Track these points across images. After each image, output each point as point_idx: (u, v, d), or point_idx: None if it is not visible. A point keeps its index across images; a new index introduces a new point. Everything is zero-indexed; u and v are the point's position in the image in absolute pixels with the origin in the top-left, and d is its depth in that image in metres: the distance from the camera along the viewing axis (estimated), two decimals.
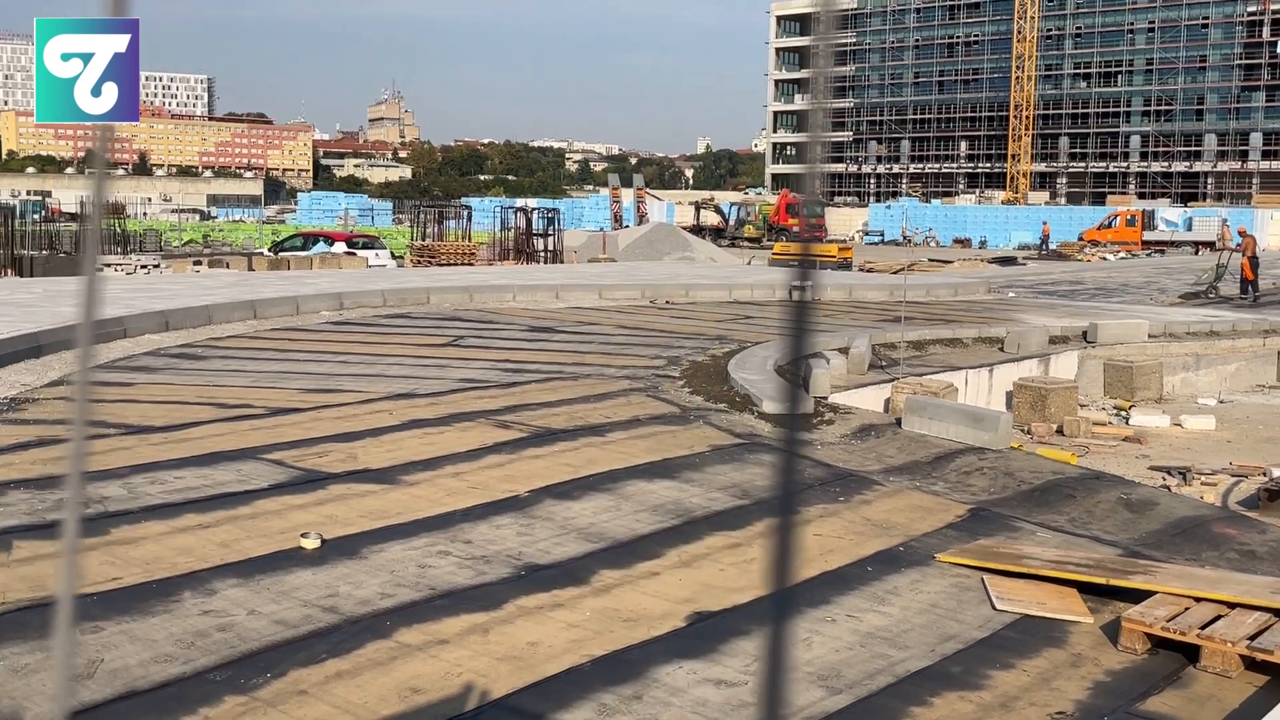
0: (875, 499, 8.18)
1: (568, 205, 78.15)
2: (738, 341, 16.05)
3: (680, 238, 43.81)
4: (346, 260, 30.72)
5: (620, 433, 9.92)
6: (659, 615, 5.67)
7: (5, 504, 7.13)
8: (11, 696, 4.55)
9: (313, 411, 10.36)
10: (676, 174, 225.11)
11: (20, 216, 35.49)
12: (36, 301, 17.10)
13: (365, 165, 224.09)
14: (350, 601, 5.69)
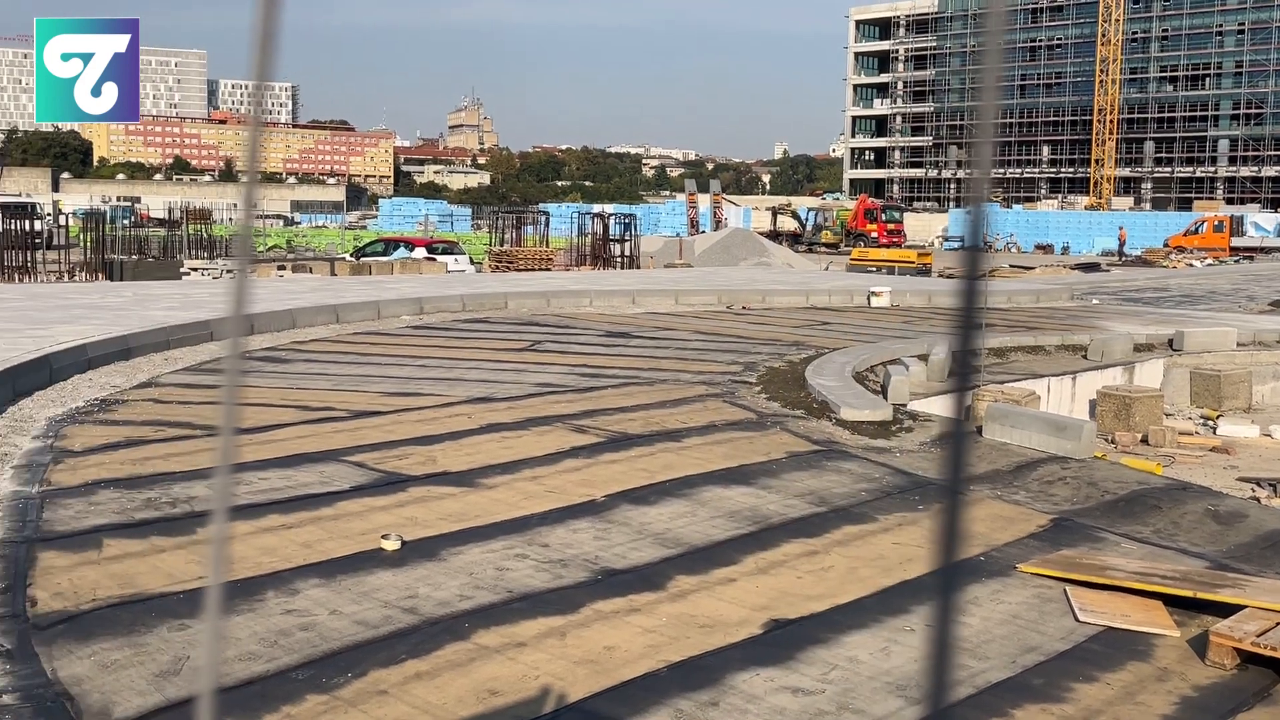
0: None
1: (644, 211, 78.33)
2: (815, 348, 15.96)
3: (757, 243, 43.71)
4: (426, 265, 31.06)
5: (696, 438, 9.92)
6: (735, 622, 5.65)
7: (95, 503, 7.31)
8: (101, 691, 4.66)
9: (393, 415, 10.49)
10: (753, 179, 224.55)
11: (111, 222, 36.35)
12: (126, 305, 17.50)
13: (445, 171, 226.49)
14: (429, 603, 5.75)
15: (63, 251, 34.66)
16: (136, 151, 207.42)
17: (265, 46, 0.68)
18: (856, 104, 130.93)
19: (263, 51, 0.68)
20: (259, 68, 0.68)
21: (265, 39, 0.68)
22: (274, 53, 0.70)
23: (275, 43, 0.69)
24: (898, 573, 6.50)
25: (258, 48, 0.68)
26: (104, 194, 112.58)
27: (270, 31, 0.67)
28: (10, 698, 4.58)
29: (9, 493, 7.47)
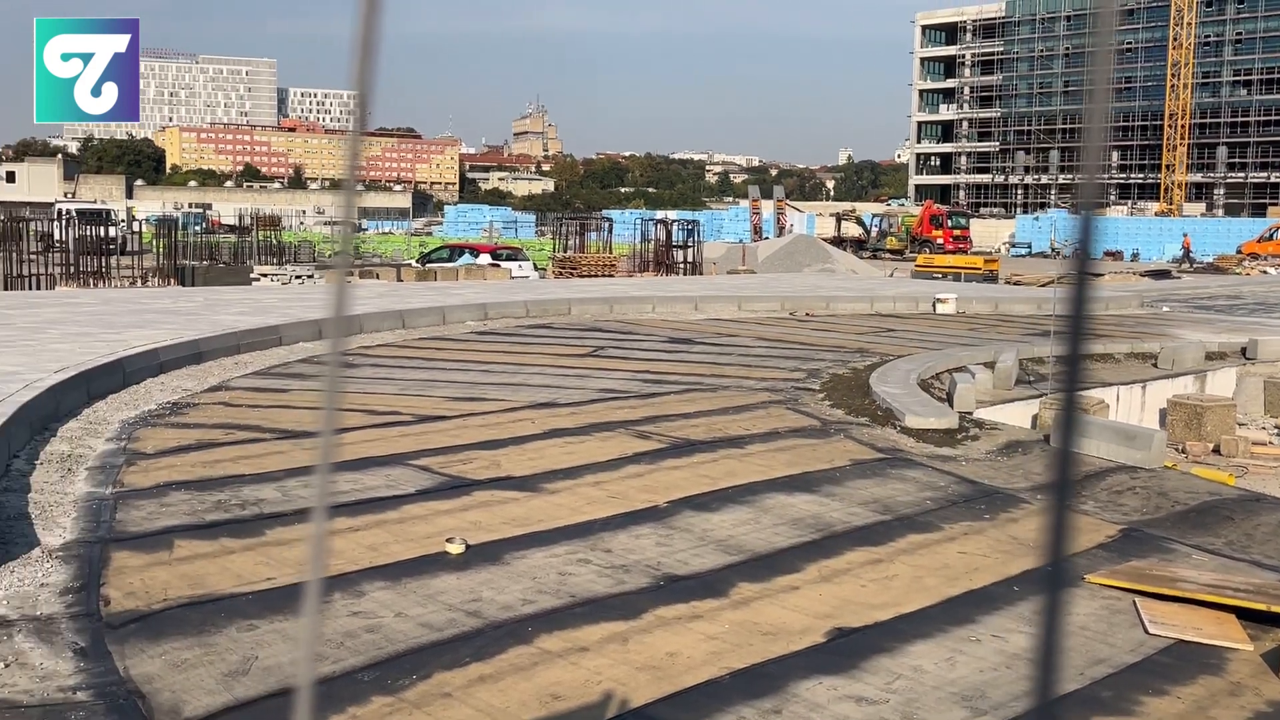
0: (1022, 517, 7.99)
1: (707, 217, 78.27)
2: (879, 355, 15.85)
3: (820, 249, 43.51)
4: (491, 271, 31.30)
5: (759, 445, 9.89)
6: (799, 630, 5.63)
7: (167, 504, 7.44)
8: (171, 690, 4.74)
9: (458, 419, 10.57)
10: (817, 185, 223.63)
11: (183, 228, 37.02)
12: (197, 310, 17.80)
13: (509, 178, 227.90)
14: (493, 606, 5.78)
15: (136, 257, 35.32)
16: (208, 159, 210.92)
17: (366, 56, 0.69)
18: (922, 109, 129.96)
19: (363, 61, 0.69)
20: (360, 77, 0.70)
21: (365, 49, 0.69)
22: (375, 62, 0.71)
23: (376, 52, 0.71)
24: (963, 582, 6.44)
25: (358, 57, 0.69)
26: (176, 201, 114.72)
27: (370, 41, 0.68)
28: (84, 695, 4.68)
29: (84, 494, 7.63)
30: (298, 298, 21.12)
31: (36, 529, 6.76)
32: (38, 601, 5.65)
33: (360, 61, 0.69)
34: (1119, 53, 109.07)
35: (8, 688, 4.69)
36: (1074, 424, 0.96)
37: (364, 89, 0.70)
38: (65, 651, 5.08)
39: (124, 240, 39.52)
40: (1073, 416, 0.98)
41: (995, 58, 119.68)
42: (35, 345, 12.74)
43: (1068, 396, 0.99)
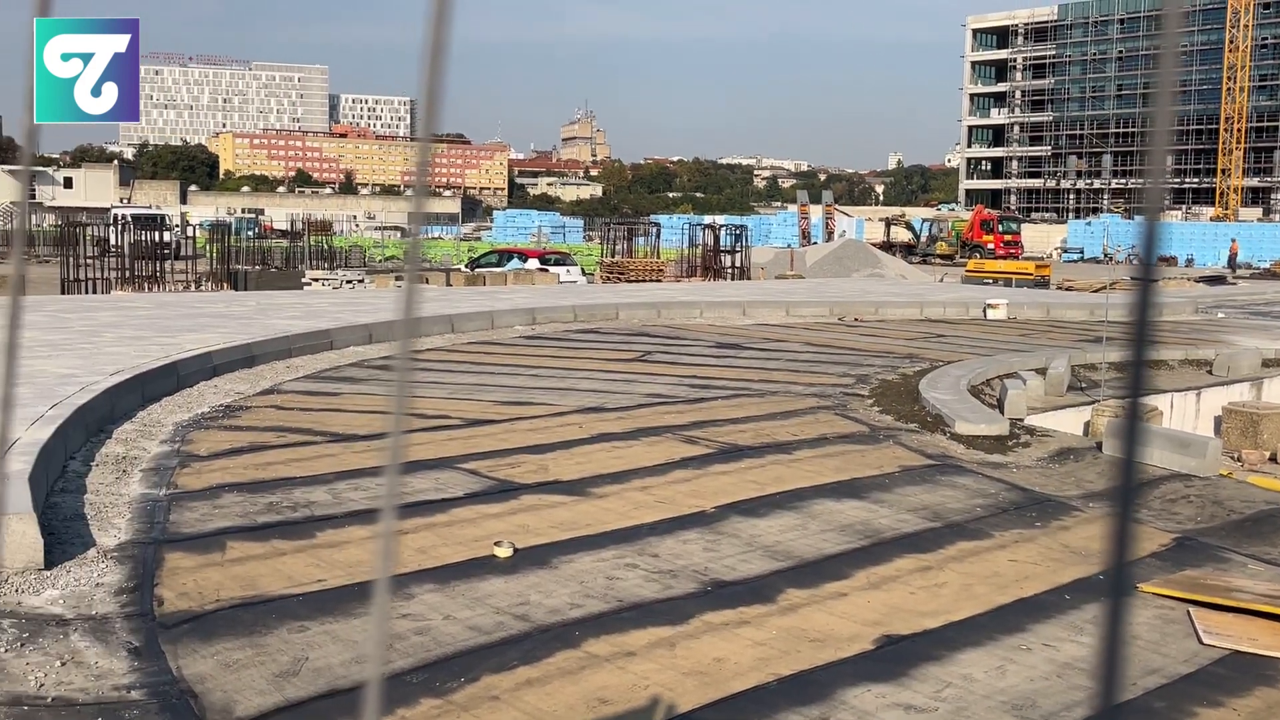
0: (1074, 525, 7.90)
1: (755, 222, 78.15)
2: (929, 360, 15.75)
3: (870, 254, 43.28)
4: (539, 276, 31.41)
5: (807, 451, 9.85)
6: (847, 637, 5.60)
7: (220, 506, 7.52)
8: (223, 690, 4.79)
9: (506, 423, 10.61)
10: (866, 190, 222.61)
11: (235, 233, 37.44)
12: (250, 314, 18.00)
13: (558, 183, 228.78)
14: (540, 610, 5.80)
15: (190, 262, 35.77)
16: (260, 165, 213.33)
17: (434, 63, 0.70)
18: (973, 113, 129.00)
19: (432, 68, 0.70)
20: (429, 84, 0.70)
21: (434, 56, 0.70)
22: (444, 69, 0.72)
23: (444, 59, 0.71)
24: (1014, 590, 6.38)
25: (427, 65, 0.70)
26: (229, 206, 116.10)
27: (439, 48, 0.69)
28: (138, 694, 4.74)
29: (138, 495, 7.73)
30: (348, 302, 21.31)
31: (92, 530, 6.86)
32: (93, 601, 5.73)
33: (429, 69, 0.70)
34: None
35: (64, 686, 4.76)
36: (1137, 431, 0.94)
37: (433, 96, 0.71)
38: (120, 651, 5.15)
39: (178, 245, 39.99)
40: (1135, 422, 0.97)
41: (1047, 61, 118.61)
42: (91, 349, 12.93)
43: (1131, 402, 0.98)
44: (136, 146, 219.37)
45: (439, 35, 0.69)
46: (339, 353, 15.23)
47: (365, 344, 16.07)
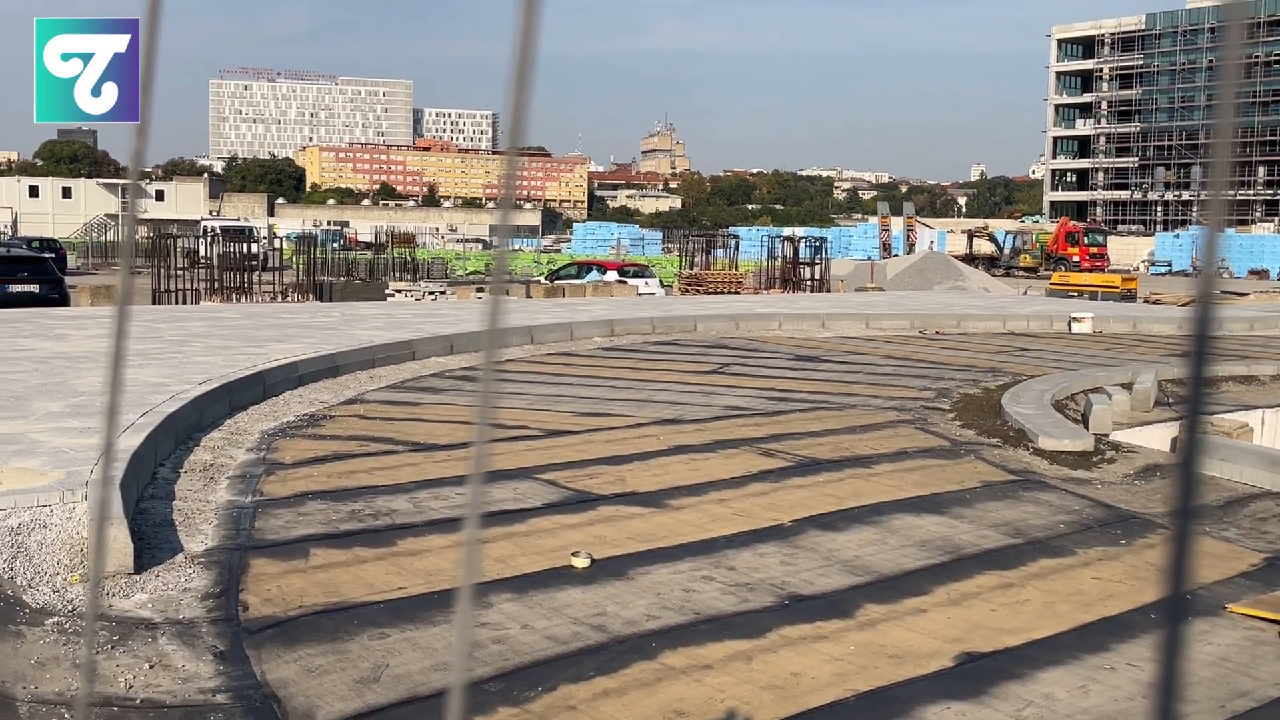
0: (1160, 543, 7.74)
1: (835, 234, 77.73)
2: (1012, 374, 15.53)
3: (951, 267, 42.80)
4: (618, 288, 31.52)
5: (887, 465, 9.77)
6: (926, 653, 5.54)
7: (304, 514, 7.65)
8: (306, 695, 4.87)
9: (584, 434, 10.66)
10: (948, 202, 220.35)
11: (321, 245, 38.04)
12: (335, 325, 18.28)
13: (637, 196, 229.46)
14: (617, 621, 5.81)
15: (277, 273, 36.47)
16: (346, 178, 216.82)
17: (522, 77, 0.71)
18: (1058, 124, 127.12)
19: (519, 82, 0.71)
20: (516, 99, 0.72)
21: (522, 70, 0.72)
22: (530, 84, 0.74)
23: (532, 73, 0.73)
24: (1097, 609, 6.27)
25: (515, 78, 0.72)
26: (315, 218, 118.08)
27: (527, 62, 0.71)
28: (223, 697, 4.83)
29: (225, 502, 7.89)
30: (430, 313, 21.55)
31: (180, 535, 7.01)
32: (180, 605, 5.86)
33: (516, 83, 0.72)
34: (1265, 65, 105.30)
35: (152, 688, 4.87)
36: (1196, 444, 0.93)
37: (519, 110, 0.72)
38: (206, 655, 5.26)
39: (265, 257, 40.80)
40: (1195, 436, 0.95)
41: (1135, 71, 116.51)
42: (181, 358, 13.22)
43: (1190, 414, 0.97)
44: (226, 160, 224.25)
45: (526, 50, 0.70)
46: (421, 363, 15.41)
47: (446, 355, 16.24)
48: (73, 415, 9.39)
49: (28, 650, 5.22)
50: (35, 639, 5.35)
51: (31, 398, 10.27)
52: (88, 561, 6.19)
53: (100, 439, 8.42)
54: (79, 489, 6.94)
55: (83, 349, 14.13)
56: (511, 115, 0.72)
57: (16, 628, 5.45)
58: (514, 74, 0.71)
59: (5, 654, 5.14)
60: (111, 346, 0.81)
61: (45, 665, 5.07)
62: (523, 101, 0.72)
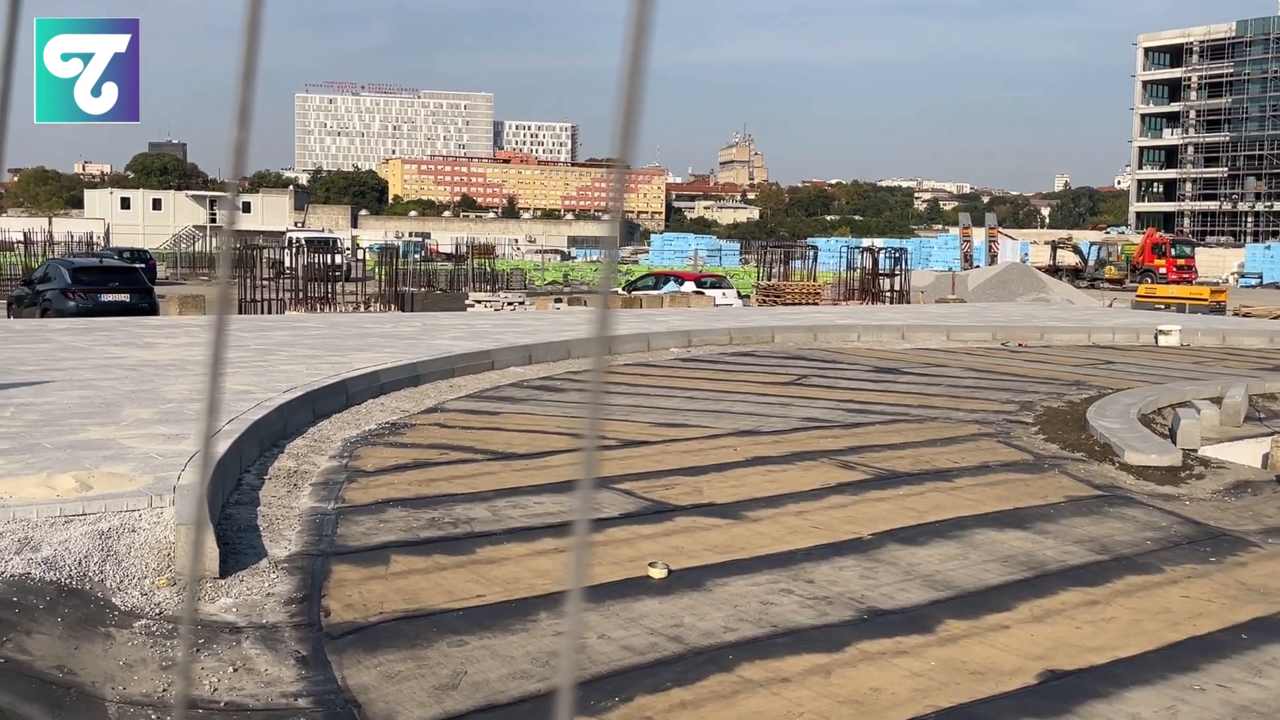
0: (1251, 561, 7.55)
1: (915, 245, 76.98)
2: (1097, 388, 15.26)
3: (1034, 278, 42.19)
4: (695, 299, 31.49)
5: (968, 479, 9.64)
6: (1008, 670, 5.45)
7: (384, 521, 7.73)
8: (385, 701, 4.91)
9: (661, 445, 10.66)
10: (1031, 213, 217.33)
11: (403, 256, 38.52)
12: (416, 334, 18.49)
13: (715, 207, 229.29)
14: (694, 633, 5.80)
15: (360, 283, 36.97)
16: (427, 190, 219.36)
17: (631, 90, 0.72)
18: (1144, 134, 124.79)
19: (629, 94, 0.72)
20: (625, 111, 0.72)
21: (631, 83, 0.72)
22: (640, 96, 0.74)
23: (642, 86, 0.73)
24: (1186, 627, 6.12)
25: (625, 91, 0.72)
26: (397, 230, 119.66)
27: (637, 74, 0.71)
28: (304, 701, 4.90)
29: (308, 508, 8.00)
30: (509, 323, 21.71)
31: (264, 541, 7.12)
32: (264, 610, 5.95)
33: (626, 95, 0.72)
34: None
35: (236, 691, 4.95)
36: None
37: (628, 123, 0.72)
38: (288, 659, 5.33)
39: (349, 267, 41.41)
40: None
41: (1224, 79, 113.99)
42: (266, 366, 13.45)
43: None
44: (311, 172, 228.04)
45: (636, 67, 0.70)
46: (500, 373, 15.53)
47: (525, 365, 16.35)
48: (161, 422, 9.59)
49: (117, 652, 5.34)
50: (124, 641, 5.47)
51: (122, 404, 10.51)
52: (175, 565, 6.32)
53: (190, 445, 8.59)
54: (167, 494, 7.08)
55: (171, 357, 14.43)
56: (621, 132, 0.72)
57: (106, 629, 5.57)
58: (624, 92, 0.70)
59: (95, 655, 5.26)
60: (209, 354, 0.83)
61: (133, 667, 5.18)
62: (632, 118, 0.72)
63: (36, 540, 6.31)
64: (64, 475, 7.38)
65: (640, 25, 0.70)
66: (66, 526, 6.53)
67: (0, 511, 6.56)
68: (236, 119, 0.72)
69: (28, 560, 6.06)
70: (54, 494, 6.99)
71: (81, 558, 6.21)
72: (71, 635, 5.41)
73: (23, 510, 6.61)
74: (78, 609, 5.71)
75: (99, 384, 11.83)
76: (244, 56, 0.74)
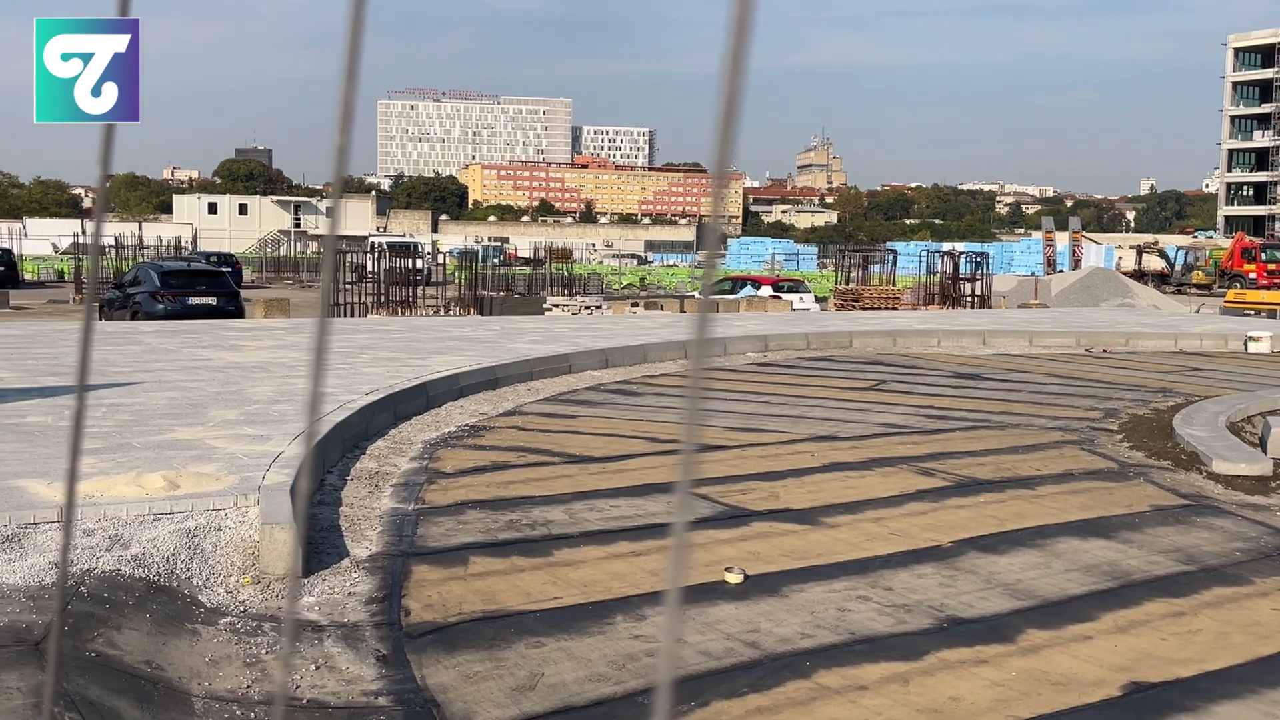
0: None
1: (997, 249, 76.03)
2: (1184, 395, 14.95)
3: (1119, 283, 41.43)
4: (772, 303, 31.38)
5: (1051, 486, 9.50)
6: (1091, 681, 5.36)
7: (463, 522, 7.81)
8: (464, 701, 4.96)
9: (737, 450, 10.64)
10: (1116, 216, 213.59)
11: (482, 260, 38.83)
12: (495, 338, 18.64)
13: (792, 211, 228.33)
14: (771, 639, 5.78)
15: (440, 287, 37.36)
16: (506, 195, 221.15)
17: (731, 96, 0.72)
18: (1234, 136, 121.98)
19: (729, 102, 0.72)
20: (726, 118, 0.73)
21: (731, 89, 0.72)
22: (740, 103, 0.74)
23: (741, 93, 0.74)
24: (1276, 641, 5.97)
25: (724, 98, 0.73)
26: (476, 234, 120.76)
27: (737, 80, 0.72)
28: (384, 700, 4.96)
29: (389, 509, 8.11)
30: (586, 327, 21.80)
31: (346, 541, 7.23)
32: (345, 609, 6.04)
33: (726, 99, 0.72)
34: None
35: (318, 689, 5.03)
36: None
37: (727, 128, 0.73)
38: (369, 658, 5.40)
39: (429, 272, 41.85)
40: None
41: None
42: (349, 369, 13.65)
43: None
44: (393, 178, 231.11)
45: (735, 75, 0.71)
46: (576, 376, 15.60)
47: (601, 368, 16.41)
48: (246, 423, 9.78)
49: (202, 648, 5.45)
50: (209, 637, 5.58)
51: (208, 405, 10.73)
52: (259, 564, 6.43)
53: (274, 445, 8.74)
54: (252, 494, 7.21)
55: (256, 359, 14.70)
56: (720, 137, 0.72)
57: (192, 626, 5.69)
58: (723, 96, 0.71)
59: (182, 651, 5.37)
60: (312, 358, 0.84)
61: (218, 663, 5.28)
62: (731, 123, 0.72)
63: (126, 538, 6.47)
64: (153, 474, 7.55)
65: (741, 28, 0.70)
66: (155, 524, 6.68)
67: (92, 509, 6.73)
68: (339, 125, 0.74)
69: (118, 557, 6.21)
70: (143, 493, 7.16)
71: (169, 555, 6.35)
72: (159, 631, 5.53)
73: (113, 508, 6.78)
74: (165, 605, 5.84)
75: (186, 385, 12.08)
76: (346, 63, 0.75)
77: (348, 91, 0.75)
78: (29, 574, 5.84)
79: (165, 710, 4.76)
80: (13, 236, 73.10)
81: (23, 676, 4.62)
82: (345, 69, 0.75)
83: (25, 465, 7.78)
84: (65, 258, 58.79)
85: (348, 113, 0.75)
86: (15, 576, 5.79)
